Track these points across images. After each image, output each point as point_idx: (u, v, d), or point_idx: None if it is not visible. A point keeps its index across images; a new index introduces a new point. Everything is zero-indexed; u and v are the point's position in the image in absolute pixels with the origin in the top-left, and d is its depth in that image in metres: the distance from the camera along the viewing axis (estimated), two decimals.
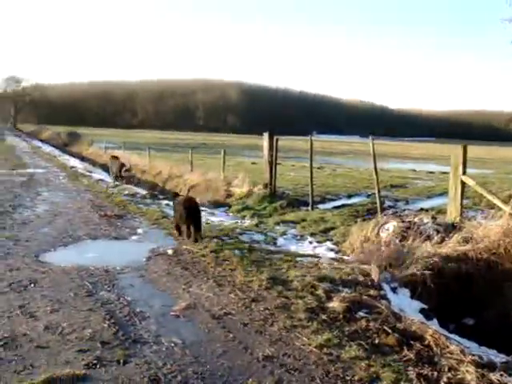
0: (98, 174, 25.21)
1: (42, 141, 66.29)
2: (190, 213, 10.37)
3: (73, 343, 5.37)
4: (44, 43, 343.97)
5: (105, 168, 29.74)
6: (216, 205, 16.62)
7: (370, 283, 7.57)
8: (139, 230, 11.31)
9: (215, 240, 10.24)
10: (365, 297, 6.94)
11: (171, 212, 13.19)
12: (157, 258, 9.01)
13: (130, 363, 4.97)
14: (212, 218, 13.43)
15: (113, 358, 5.05)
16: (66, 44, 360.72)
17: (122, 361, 5.00)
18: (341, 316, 6.31)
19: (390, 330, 5.85)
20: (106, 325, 5.87)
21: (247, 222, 13.21)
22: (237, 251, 9.34)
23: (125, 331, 5.72)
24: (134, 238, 10.70)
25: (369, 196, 17.69)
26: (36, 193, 16.95)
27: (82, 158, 38.16)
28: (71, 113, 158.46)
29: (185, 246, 9.74)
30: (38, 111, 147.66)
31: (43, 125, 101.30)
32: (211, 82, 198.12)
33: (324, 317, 6.26)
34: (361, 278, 7.72)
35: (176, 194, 12.52)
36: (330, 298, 6.85)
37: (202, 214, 11.56)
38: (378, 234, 9.57)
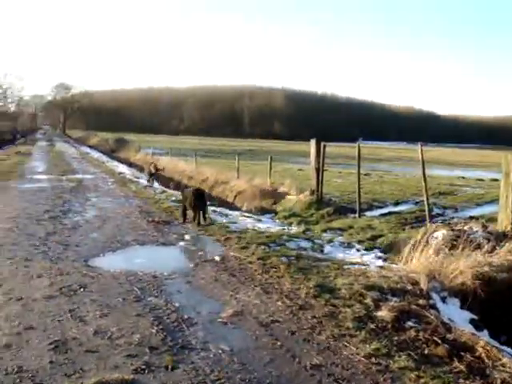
0: (146, 181, 25.46)
1: (90, 147, 67.43)
2: (198, 198, 12.73)
3: (122, 348, 5.43)
4: (93, 51, 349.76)
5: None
6: (262, 211, 16.64)
7: (418, 292, 7.46)
8: (186, 236, 11.34)
9: (262, 247, 10.21)
10: (413, 306, 6.85)
11: (219, 218, 13.47)
12: (204, 264, 9.03)
13: (177, 369, 5.00)
14: (259, 225, 13.39)
15: (161, 364, 5.09)
16: (115, 51, 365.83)
17: (170, 366, 5.03)
18: (389, 325, 6.23)
19: (439, 341, 5.76)
20: (154, 330, 5.92)
21: (294, 229, 13.15)
22: (284, 258, 9.30)
23: (173, 337, 5.75)
24: (181, 243, 10.73)
25: (416, 203, 17.50)
26: (85, 198, 17.23)
27: (130, 164, 38.55)
28: (118, 119, 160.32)
29: (232, 253, 9.75)
30: (86, 117, 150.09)
31: (91, 131, 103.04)
32: (257, 89, 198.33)
33: (372, 326, 6.19)
34: (409, 287, 7.62)
35: (186, 186, 16.92)
36: (378, 307, 6.78)
37: (249, 220, 12.05)
38: (426, 242, 9.44)
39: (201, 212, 12.73)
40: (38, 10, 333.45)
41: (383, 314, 6.52)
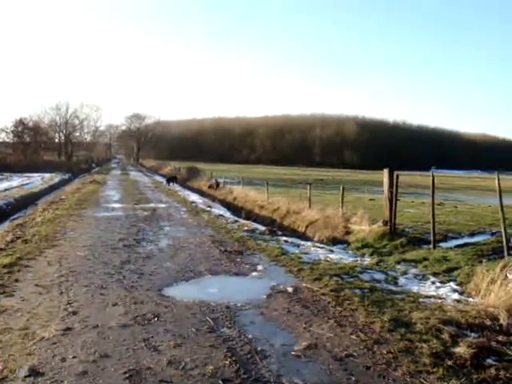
0: (218, 210, 25.66)
1: (162, 176, 68.57)
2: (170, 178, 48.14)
3: (195, 379, 5.45)
4: (166, 81, 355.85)
5: (224, 204, 30.34)
6: (334, 241, 16.51)
7: (498, 328, 7.22)
8: (259, 267, 11.34)
9: (335, 278, 10.12)
10: (493, 343, 6.62)
11: (291, 248, 13.56)
12: (277, 295, 8.99)
13: None
14: (331, 256, 13.27)
15: None
16: (188, 81, 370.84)
17: None
18: (468, 362, 6.03)
19: None
20: (227, 362, 5.91)
21: (367, 260, 12.99)
22: (357, 290, 9.20)
23: (246, 369, 5.72)
24: (254, 274, 10.74)
25: (493, 234, 16.96)
26: (158, 227, 17.49)
27: (202, 193, 38.95)
28: (190, 148, 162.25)
29: (305, 284, 9.69)
30: (159, 146, 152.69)
31: (164, 160, 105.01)
32: (328, 118, 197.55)
33: (450, 362, 6.00)
34: (488, 323, 7.39)
35: (171, 176, 50.56)
36: (455, 343, 6.59)
37: (321, 251, 12.40)
38: (505, 275, 9.15)
39: (171, 183, 45.82)
40: (112, 42, 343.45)
41: (461, 350, 6.33)
